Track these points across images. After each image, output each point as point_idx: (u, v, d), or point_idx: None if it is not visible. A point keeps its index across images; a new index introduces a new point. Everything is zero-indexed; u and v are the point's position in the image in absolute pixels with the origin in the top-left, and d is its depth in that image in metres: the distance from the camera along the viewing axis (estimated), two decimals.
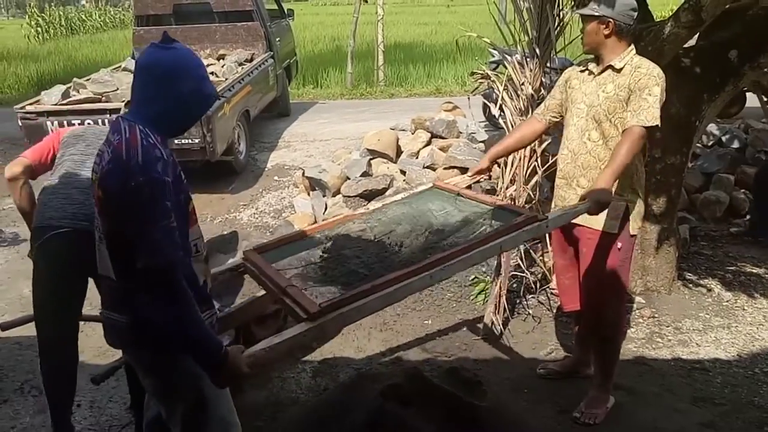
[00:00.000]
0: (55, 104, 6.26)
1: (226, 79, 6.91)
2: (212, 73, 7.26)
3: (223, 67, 7.81)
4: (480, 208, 2.51)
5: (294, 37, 10.94)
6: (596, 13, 2.54)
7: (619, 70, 2.58)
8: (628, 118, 2.53)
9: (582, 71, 2.74)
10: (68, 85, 6.75)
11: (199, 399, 1.79)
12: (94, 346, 3.49)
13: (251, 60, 8.14)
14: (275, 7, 9.94)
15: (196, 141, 6.27)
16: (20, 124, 6.24)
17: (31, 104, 6.40)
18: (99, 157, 1.71)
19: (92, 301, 2.74)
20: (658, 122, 2.51)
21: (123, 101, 6.07)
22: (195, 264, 1.78)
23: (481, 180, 4.13)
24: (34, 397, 3.14)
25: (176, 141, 6.33)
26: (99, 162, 1.69)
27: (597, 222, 2.64)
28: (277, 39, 9.10)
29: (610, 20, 2.53)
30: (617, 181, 2.60)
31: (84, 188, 2.51)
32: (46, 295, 2.60)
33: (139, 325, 1.71)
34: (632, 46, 2.62)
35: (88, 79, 6.75)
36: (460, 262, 2.09)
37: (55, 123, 5.94)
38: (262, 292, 1.97)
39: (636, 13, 2.59)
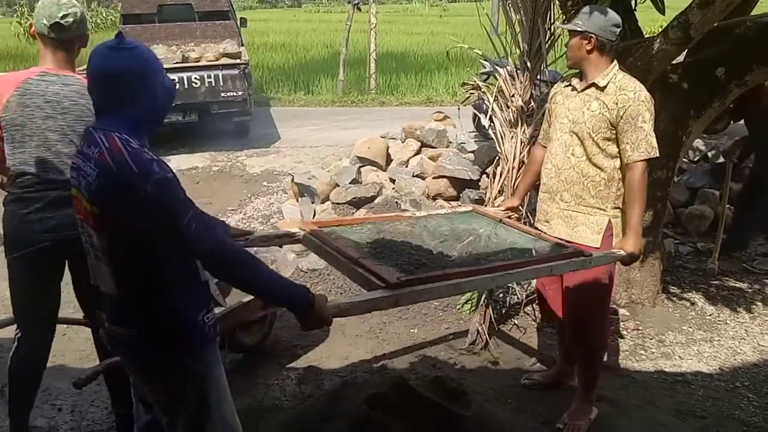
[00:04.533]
0: None
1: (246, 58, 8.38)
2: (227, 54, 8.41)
3: (243, 48, 8.99)
4: (523, 237, 2.57)
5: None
6: (579, 28, 2.56)
7: (602, 88, 2.59)
8: (627, 152, 2.55)
9: (566, 86, 2.77)
10: None
11: (202, 403, 1.78)
12: (76, 349, 3.47)
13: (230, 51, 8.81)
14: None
15: (240, 93, 7.83)
16: (81, 85, 6.93)
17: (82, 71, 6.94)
18: (76, 171, 1.65)
19: (74, 303, 2.72)
20: (657, 152, 2.55)
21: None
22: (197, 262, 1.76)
23: (472, 195, 4.15)
24: None
25: (222, 94, 7.78)
26: (78, 177, 1.64)
27: (580, 237, 2.66)
28: None
29: (593, 36, 2.55)
30: (600, 196, 2.63)
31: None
32: (24, 297, 2.53)
33: (149, 334, 1.71)
34: (615, 62, 2.64)
35: None
36: (518, 273, 2.26)
37: None
38: (249, 297, 1.96)
39: (619, 30, 2.60)
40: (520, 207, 3.23)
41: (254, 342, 3.40)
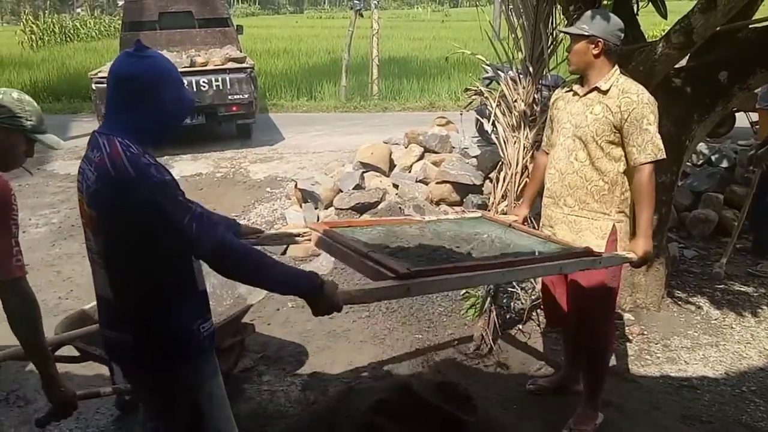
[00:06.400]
0: None
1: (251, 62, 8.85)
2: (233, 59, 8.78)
3: (245, 54, 9.44)
4: (532, 240, 2.57)
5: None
6: (586, 33, 2.55)
7: (605, 92, 2.59)
8: (634, 155, 2.55)
9: (567, 92, 2.76)
10: None
11: (197, 413, 1.78)
12: None
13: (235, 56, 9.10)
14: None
15: (246, 96, 8.23)
16: (93, 88, 7.86)
17: (100, 71, 8.15)
18: (82, 175, 1.67)
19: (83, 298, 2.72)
20: (663, 154, 2.55)
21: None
22: (195, 268, 1.76)
23: (475, 199, 4.14)
24: (19, 407, 3.11)
25: (229, 96, 8.18)
26: (83, 180, 1.66)
27: (584, 242, 2.65)
28: None
29: (600, 40, 2.55)
30: (604, 201, 2.63)
31: None
32: None
33: (144, 341, 1.70)
34: (617, 66, 2.64)
35: None
36: (528, 269, 2.27)
37: None
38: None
39: (623, 34, 2.61)
40: (530, 218, 3.22)
41: (224, 370, 3.36)
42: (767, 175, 4.76)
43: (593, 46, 2.56)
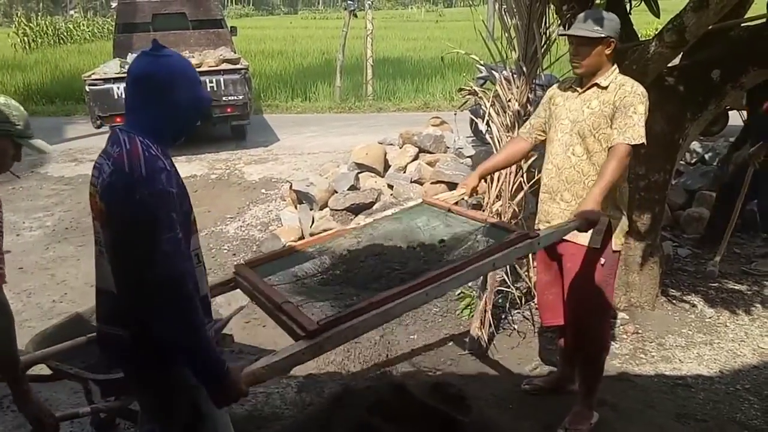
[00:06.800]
0: (120, 71, 7.83)
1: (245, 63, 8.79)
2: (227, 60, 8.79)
3: (239, 55, 9.51)
4: (470, 225, 2.51)
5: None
6: (603, 35, 2.55)
7: (604, 88, 2.61)
8: (614, 135, 2.56)
9: (566, 89, 2.78)
10: (123, 60, 8.31)
11: (195, 416, 1.77)
12: None
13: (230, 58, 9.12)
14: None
15: (240, 97, 8.20)
16: (87, 90, 7.86)
17: (94, 73, 8.15)
18: (97, 170, 1.68)
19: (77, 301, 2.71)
20: (643, 140, 2.55)
21: None
22: (197, 275, 1.74)
23: (469, 198, 4.13)
24: (13, 412, 3.09)
25: (224, 98, 8.17)
26: (98, 175, 1.66)
27: (581, 237, 2.66)
28: None
29: (614, 40, 2.57)
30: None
31: None
32: None
33: (140, 338, 1.69)
34: (616, 64, 2.67)
35: None
36: (454, 279, 2.10)
37: (122, 88, 7.29)
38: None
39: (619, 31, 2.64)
40: (518, 208, 3.19)
41: None
42: (759, 174, 4.77)
43: (607, 47, 2.58)
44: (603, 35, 2.54)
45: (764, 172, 4.66)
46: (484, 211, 3.66)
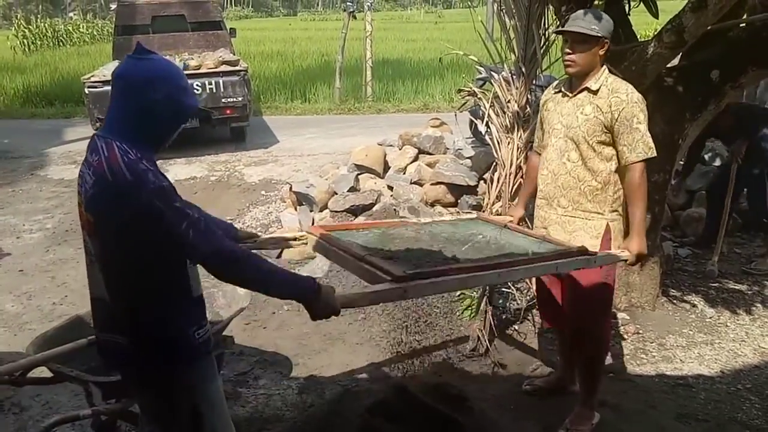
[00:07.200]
0: None
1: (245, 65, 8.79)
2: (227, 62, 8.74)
3: (239, 57, 9.52)
4: (528, 240, 2.57)
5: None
6: (600, 34, 2.52)
7: (595, 92, 2.59)
8: (625, 154, 2.56)
9: (556, 93, 2.77)
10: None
11: (194, 418, 1.77)
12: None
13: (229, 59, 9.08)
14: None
15: (240, 99, 8.22)
16: (87, 92, 7.84)
17: (93, 75, 8.17)
18: (81, 178, 1.67)
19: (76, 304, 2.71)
20: (654, 152, 2.56)
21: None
22: (190, 274, 1.75)
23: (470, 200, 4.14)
24: (14, 414, 3.09)
25: (223, 100, 8.16)
26: (82, 184, 1.65)
27: (578, 242, 2.65)
28: None
29: (607, 41, 2.56)
30: (597, 201, 2.63)
31: None
32: None
33: (139, 341, 1.70)
34: (605, 66, 2.64)
35: None
36: (524, 270, 2.28)
37: None
38: None
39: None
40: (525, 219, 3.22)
41: None
42: (742, 168, 4.80)
43: (600, 47, 2.56)
44: (600, 35, 2.53)
45: (747, 166, 4.76)
46: (484, 211, 3.67)
